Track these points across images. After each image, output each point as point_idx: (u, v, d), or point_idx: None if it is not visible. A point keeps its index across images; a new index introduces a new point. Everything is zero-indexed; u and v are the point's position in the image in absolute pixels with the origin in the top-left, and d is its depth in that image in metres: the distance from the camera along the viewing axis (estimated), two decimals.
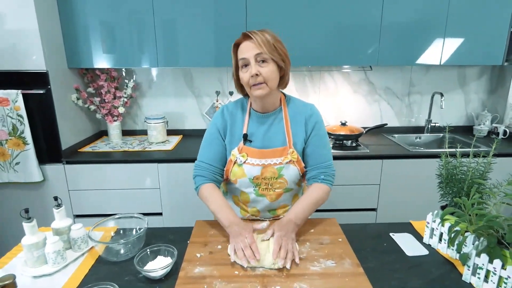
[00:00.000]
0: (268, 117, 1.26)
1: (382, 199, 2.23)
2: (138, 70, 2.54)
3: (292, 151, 1.22)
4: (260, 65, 1.13)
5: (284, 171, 1.23)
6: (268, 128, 1.25)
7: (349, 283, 0.92)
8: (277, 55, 1.14)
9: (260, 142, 1.24)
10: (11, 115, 1.94)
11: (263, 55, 1.11)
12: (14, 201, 2.09)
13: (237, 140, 1.26)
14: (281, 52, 1.15)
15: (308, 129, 1.26)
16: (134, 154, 2.16)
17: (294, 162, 1.23)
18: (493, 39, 2.23)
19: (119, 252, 1.07)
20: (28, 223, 1.00)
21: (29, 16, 1.84)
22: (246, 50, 1.12)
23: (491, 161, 1.06)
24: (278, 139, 1.24)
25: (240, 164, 1.23)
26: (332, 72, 2.60)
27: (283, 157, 1.22)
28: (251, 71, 1.12)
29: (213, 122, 1.30)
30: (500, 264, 0.86)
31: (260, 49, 1.10)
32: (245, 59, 1.13)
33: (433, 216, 1.11)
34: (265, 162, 1.22)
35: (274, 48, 1.12)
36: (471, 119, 2.75)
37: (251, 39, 1.11)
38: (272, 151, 1.22)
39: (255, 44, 1.11)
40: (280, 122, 1.25)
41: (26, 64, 1.91)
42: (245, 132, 1.24)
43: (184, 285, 0.92)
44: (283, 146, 1.23)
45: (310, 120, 1.26)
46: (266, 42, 1.11)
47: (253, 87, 1.14)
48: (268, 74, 1.13)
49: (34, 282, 0.98)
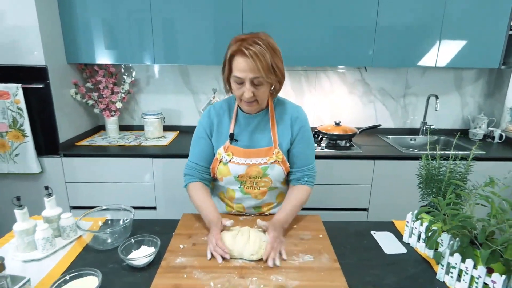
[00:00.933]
0: (254, 117, 1.27)
1: (374, 199, 2.26)
2: (136, 67, 2.58)
3: (278, 152, 1.25)
4: (255, 87, 1.12)
5: (269, 171, 1.26)
6: (254, 128, 1.28)
7: (324, 277, 0.95)
8: (274, 78, 1.12)
9: (246, 141, 1.27)
10: (12, 108, 1.99)
11: (260, 79, 1.10)
12: (13, 191, 2.14)
13: (224, 139, 1.28)
14: (278, 73, 1.13)
15: (294, 130, 1.28)
16: (130, 149, 2.20)
17: (279, 162, 1.26)
18: (490, 42, 2.23)
19: (105, 241, 1.11)
20: (19, 210, 1.05)
21: (29, 12, 1.88)
22: (243, 70, 1.09)
23: (470, 163, 1.08)
24: (264, 139, 1.27)
25: (225, 162, 1.26)
26: (327, 72, 2.62)
27: (268, 157, 1.25)
28: (245, 93, 1.12)
29: (200, 122, 1.33)
30: (472, 264, 0.89)
31: (258, 73, 1.08)
32: (240, 78, 1.11)
33: (413, 216, 1.14)
34: (250, 161, 1.24)
35: (272, 71, 1.10)
36: (467, 122, 2.76)
37: (248, 58, 1.06)
38: (257, 151, 1.25)
39: (253, 67, 1.07)
40: (267, 123, 1.27)
41: (26, 59, 1.96)
42: (232, 132, 1.26)
43: (164, 274, 0.96)
44: (269, 146, 1.26)
45: (297, 122, 1.28)
46: (266, 66, 1.07)
47: (245, 103, 1.17)
48: (261, 95, 1.16)
49: (24, 266, 1.02)
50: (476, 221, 0.90)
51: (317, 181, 1.36)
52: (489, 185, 0.92)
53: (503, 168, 2.17)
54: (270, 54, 1.08)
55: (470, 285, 0.90)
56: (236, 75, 1.11)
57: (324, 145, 2.33)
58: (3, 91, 1.96)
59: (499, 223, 0.84)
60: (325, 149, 2.25)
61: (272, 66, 1.09)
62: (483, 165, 2.14)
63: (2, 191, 2.15)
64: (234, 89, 1.16)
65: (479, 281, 0.87)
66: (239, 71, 1.10)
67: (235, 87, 1.15)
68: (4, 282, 0.86)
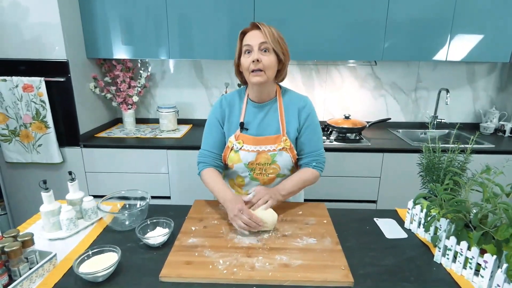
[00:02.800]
0: (263, 106, 1.34)
1: (382, 191, 2.29)
2: (152, 61, 2.67)
3: (285, 139, 1.31)
4: (262, 54, 1.21)
5: (277, 158, 1.32)
6: (263, 117, 1.34)
7: (326, 258, 1.01)
8: (279, 48, 1.23)
9: (256, 130, 1.33)
10: (35, 101, 2.11)
11: (266, 44, 1.20)
12: (36, 180, 2.25)
13: (235, 128, 1.35)
14: (283, 46, 1.24)
15: (301, 119, 1.34)
16: (146, 141, 2.30)
17: (287, 149, 1.32)
18: (501, 36, 2.23)
19: (124, 223, 1.20)
20: (46, 192, 1.14)
21: (52, 10, 1.99)
22: (252, 38, 1.22)
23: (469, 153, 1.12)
24: (273, 128, 1.33)
25: (236, 150, 1.33)
26: (338, 67, 2.65)
27: (277, 144, 1.31)
28: (253, 56, 1.20)
29: (212, 112, 1.40)
30: (466, 246, 0.94)
31: (265, 38, 1.20)
32: (249, 45, 1.22)
33: (413, 203, 1.18)
34: (259, 148, 1.31)
35: (277, 41, 1.22)
36: (479, 116, 2.75)
37: (259, 29, 1.21)
38: (266, 139, 1.32)
39: (262, 33, 1.20)
40: (275, 111, 1.34)
41: (48, 54, 2.08)
42: (242, 121, 1.33)
43: (177, 252, 1.04)
44: (277, 134, 1.32)
45: (304, 110, 1.34)
46: (272, 34, 1.21)
47: (252, 73, 1.22)
48: (268, 63, 1.21)
49: (50, 244, 1.12)
50: (470, 205, 0.94)
51: (326, 173, 1.42)
52: (485, 172, 0.96)
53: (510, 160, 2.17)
54: (276, 32, 1.24)
55: (465, 266, 0.95)
56: (246, 43, 1.23)
57: (333, 138, 2.38)
58: (27, 84, 2.08)
59: (492, 207, 0.88)
60: (335, 142, 2.30)
61: (278, 40, 1.22)
62: (492, 158, 2.16)
63: (26, 179, 2.29)
64: (243, 62, 1.24)
65: (472, 261, 0.91)
66: (250, 39, 1.22)
67: (245, 59, 1.24)
68: (33, 256, 0.96)
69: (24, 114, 2.12)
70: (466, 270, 0.94)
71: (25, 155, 2.22)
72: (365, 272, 0.97)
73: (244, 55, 1.24)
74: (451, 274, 0.96)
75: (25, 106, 2.11)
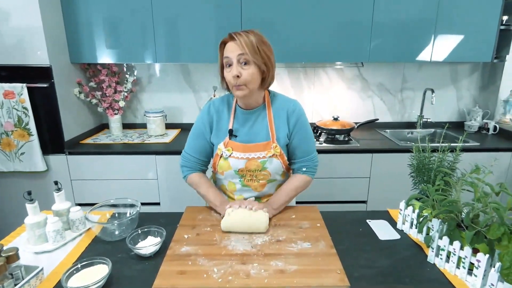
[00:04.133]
0: (252, 113, 1.31)
1: (372, 192, 2.31)
2: (138, 66, 2.63)
3: (275, 146, 1.29)
4: (242, 67, 1.17)
5: (267, 164, 1.30)
6: (252, 123, 1.31)
7: (321, 262, 1.01)
8: (259, 58, 1.17)
9: (245, 136, 1.30)
10: (17, 107, 2.04)
11: (244, 56, 1.15)
12: (19, 189, 2.20)
13: (223, 135, 1.32)
14: (264, 55, 1.18)
15: (290, 124, 1.31)
16: (134, 146, 2.26)
17: (277, 155, 1.30)
18: (482, 37, 2.29)
19: (113, 232, 1.17)
20: (30, 204, 1.10)
21: (33, 13, 1.94)
22: (230, 51, 1.17)
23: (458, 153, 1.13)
24: (262, 134, 1.30)
25: (226, 157, 1.30)
26: (326, 68, 2.67)
27: (266, 151, 1.29)
28: (233, 71, 1.16)
29: (199, 117, 1.37)
30: (459, 245, 0.95)
31: (242, 50, 1.14)
32: (228, 58, 1.17)
33: (405, 204, 1.19)
34: (249, 155, 1.29)
35: (257, 51, 1.16)
36: (463, 115, 2.81)
37: (235, 40, 1.16)
38: (255, 146, 1.29)
39: (238, 45, 1.15)
40: (264, 118, 1.31)
41: (31, 59, 2.02)
42: (231, 128, 1.30)
43: (170, 261, 1.01)
44: (267, 141, 1.29)
45: (293, 115, 1.31)
46: (250, 44, 1.15)
47: (235, 87, 1.19)
48: (248, 77, 1.17)
49: (36, 258, 1.08)
50: (462, 206, 0.95)
51: (316, 175, 1.42)
52: (475, 172, 0.97)
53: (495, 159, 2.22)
54: (256, 39, 1.17)
55: (458, 265, 0.96)
56: (225, 55, 1.18)
57: (322, 140, 2.39)
58: (8, 90, 2.01)
59: (483, 206, 0.89)
60: (324, 144, 2.31)
61: (257, 48, 1.16)
62: (477, 155, 2.21)
63: (9, 189, 2.21)
64: (226, 76, 1.20)
65: (465, 261, 0.92)
66: (228, 52, 1.18)
67: (226, 72, 1.20)
68: (18, 271, 0.92)
69: (6, 121, 2.06)
70: (459, 269, 0.95)
71: (7, 164, 2.15)
72: (360, 275, 0.97)
73: (226, 68, 1.20)
74: (445, 274, 0.97)
75: (7, 113, 2.05)
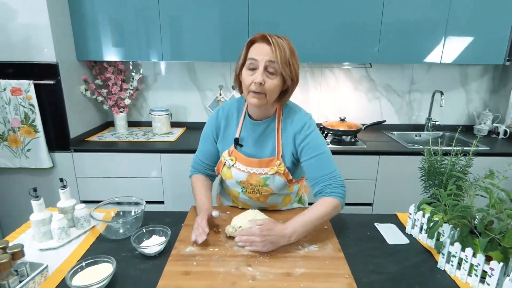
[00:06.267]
0: (260, 124, 1.23)
1: (378, 194, 2.28)
2: (144, 64, 2.62)
3: (280, 163, 1.20)
4: (267, 76, 1.08)
5: (269, 181, 1.23)
6: (259, 135, 1.24)
7: (328, 266, 0.99)
8: (288, 72, 1.09)
9: (251, 148, 1.24)
10: (24, 104, 2.04)
11: (274, 65, 1.06)
12: (25, 186, 2.20)
13: (229, 143, 1.27)
14: (292, 69, 1.10)
15: (296, 143, 1.20)
16: (139, 144, 2.25)
17: (280, 173, 1.21)
18: (495, 38, 2.24)
19: (118, 231, 1.16)
20: (36, 201, 1.09)
21: (41, 11, 1.93)
22: (260, 53, 1.07)
23: (471, 156, 1.11)
24: (268, 148, 1.23)
25: (229, 166, 1.27)
26: (333, 69, 2.64)
27: (269, 168, 1.21)
28: (256, 77, 1.07)
29: (208, 123, 1.33)
30: (471, 252, 0.92)
31: (274, 58, 1.05)
32: (255, 61, 1.07)
33: (415, 208, 1.17)
34: (250, 170, 1.23)
35: (288, 64, 1.08)
36: (472, 118, 2.77)
37: (269, 43, 1.06)
38: (259, 161, 1.22)
39: (272, 50, 1.05)
40: (273, 131, 1.22)
41: (37, 56, 2.01)
42: (237, 137, 1.25)
43: (175, 262, 1.00)
44: (272, 157, 1.22)
45: (300, 134, 1.19)
46: (283, 53, 1.06)
47: (251, 93, 1.10)
48: (271, 88, 1.09)
49: (41, 254, 1.07)
50: (476, 211, 0.93)
51: None
52: (489, 177, 0.94)
53: (507, 163, 2.18)
54: (290, 51, 1.09)
55: (470, 273, 0.93)
56: (252, 57, 1.08)
57: (329, 141, 2.36)
58: (15, 87, 2.01)
59: (497, 213, 0.86)
60: (330, 145, 2.28)
61: (289, 62, 1.08)
62: (487, 160, 2.17)
63: (15, 185, 2.21)
64: (245, 78, 1.10)
65: (478, 268, 0.90)
66: (257, 54, 1.07)
67: (247, 74, 1.10)
68: (23, 268, 0.92)
69: (12, 118, 2.06)
70: (471, 277, 0.93)
71: (14, 160, 2.15)
72: (369, 281, 0.94)
73: (247, 69, 1.10)
74: (456, 282, 0.95)
75: (13, 109, 2.05)
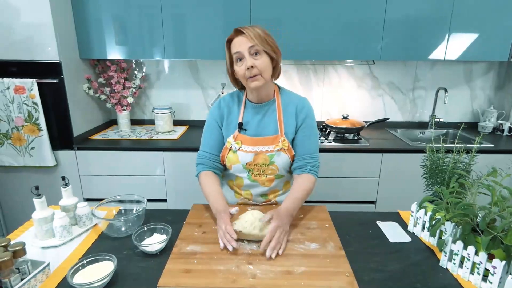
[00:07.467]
0: (262, 107, 1.33)
1: (381, 192, 2.27)
2: (147, 62, 2.63)
3: (283, 140, 1.29)
4: (254, 58, 1.19)
5: (275, 158, 1.30)
6: (262, 117, 1.33)
7: (329, 264, 0.99)
8: (269, 47, 1.20)
9: (254, 130, 1.32)
10: (27, 103, 2.06)
11: (255, 47, 1.17)
12: (28, 184, 2.21)
13: (233, 128, 1.33)
14: (271, 43, 1.21)
15: (298, 120, 1.32)
16: (142, 143, 2.26)
17: (285, 150, 1.30)
18: (499, 35, 2.22)
19: (119, 229, 1.16)
20: (38, 199, 1.10)
21: (43, 9, 1.94)
22: (239, 45, 1.19)
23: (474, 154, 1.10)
24: (271, 128, 1.31)
25: (234, 150, 1.31)
26: (336, 66, 2.63)
27: (275, 144, 1.29)
28: (246, 63, 1.18)
29: (210, 113, 1.38)
30: (474, 251, 0.91)
31: (252, 42, 1.17)
32: (239, 52, 1.19)
33: (417, 206, 1.16)
34: (257, 149, 1.29)
35: (265, 40, 1.19)
36: (477, 116, 2.75)
37: (243, 34, 1.18)
38: (264, 139, 1.30)
39: (248, 38, 1.17)
40: (273, 112, 1.32)
41: (41, 54, 2.02)
42: (240, 121, 1.31)
43: (176, 260, 1.00)
44: (275, 135, 1.30)
45: (302, 111, 1.32)
46: (258, 35, 1.17)
47: (249, 79, 1.20)
48: (262, 66, 1.19)
49: (43, 252, 1.08)
50: (478, 209, 0.92)
51: (325, 174, 1.39)
52: (492, 174, 0.93)
53: (511, 161, 2.16)
54: (261, 31, 1.20)
55: (472, 271, 0.92)
56: (235, 51, 1.20)
57: (332, 138, 2.35)
58: (19, 86, 2.02)
59: (500, 210, 0.86)
60: (333, 143, 2.27)
61: (265, 39, 1.19)
62: (491, 157, 2.15)
63: (18, 183, 2.24)
64: (238, 70, 1.22)
65: (480, 267, 0.89)
66: (238, 46, 1.19)
67: (238, 67, 1.21)
68: (25, 266, 0.92)
69: (16, 116, 2.07)
70: (473, 275, 0.92)
71: (17, 158, 2.17)
72: (370, 279, 0.94)
73: (237, 63, 1.22)
74: (458, 280, 0.94)
75: (17, 108, 2.06)
